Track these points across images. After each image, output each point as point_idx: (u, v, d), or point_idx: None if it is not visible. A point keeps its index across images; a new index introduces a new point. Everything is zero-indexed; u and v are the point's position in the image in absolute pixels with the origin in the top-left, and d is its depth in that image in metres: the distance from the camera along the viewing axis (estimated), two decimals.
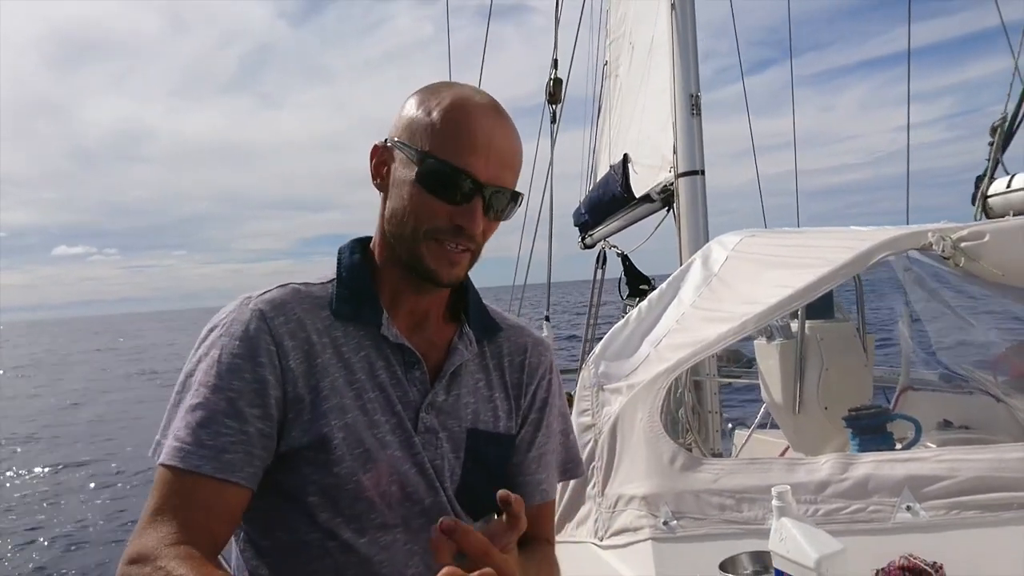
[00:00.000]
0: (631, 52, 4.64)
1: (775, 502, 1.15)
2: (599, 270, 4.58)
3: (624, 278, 4.27)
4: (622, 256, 4.34)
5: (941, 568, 1.25)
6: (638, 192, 3.99)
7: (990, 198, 3.18)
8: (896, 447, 2.10)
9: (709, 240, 2.55)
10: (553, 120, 4.87)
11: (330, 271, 1.03)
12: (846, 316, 2.77)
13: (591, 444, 1.90)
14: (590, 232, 4.96)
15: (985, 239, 1.78)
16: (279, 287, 0.99)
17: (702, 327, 1.95)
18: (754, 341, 2.76)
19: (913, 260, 2.17)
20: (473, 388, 1.06)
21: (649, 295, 2.31)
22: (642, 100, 4.25)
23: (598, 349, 2.19)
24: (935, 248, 1.80)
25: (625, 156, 4.16)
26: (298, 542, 0.95)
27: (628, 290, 4.22)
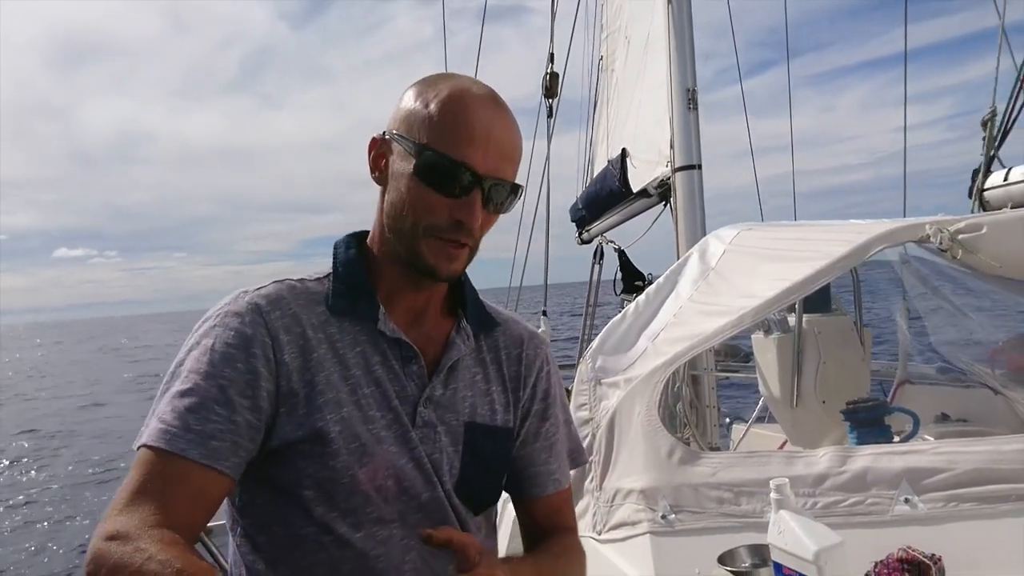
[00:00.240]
0: (627, 46, 4.63)
1: (773, 495, 1.15)
2: (596, 265, 4.57)
3: (619, 274, 4.27)
4: (619, 251, 4.33)
5: (939, 560, 1.25)
6: (635, 187, 3.98)
7: (986, 191, 3.18)
8: (894, 440, 2.10)
9: (706, 234, 2.55)
10: (550, 114, 4.87)
11: (327, 266, 1.03)
12: (843, 310, 2.77)
13: (589, 438, 1.90)
14: (587, 228, 4.96)
15: (983, 231, 1.78)
16: (275, 282, 0.99)
17: (699, 321, 1.95)
18: (752, 335, 2.76)
19: (911, 252, 2.17)
20: (470, 382, 1.06)
21: (646, 289, 2.31)
22: (638, 95, 4.24)
23: (595, 343, 2.18)
24: (933, 240, 1.80)
25: (623, 151, 4.16)
26: (294, 536, 0.94)
27: (623, 286, 4.22)
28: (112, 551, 0.77)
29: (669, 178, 3.59)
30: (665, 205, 3.80)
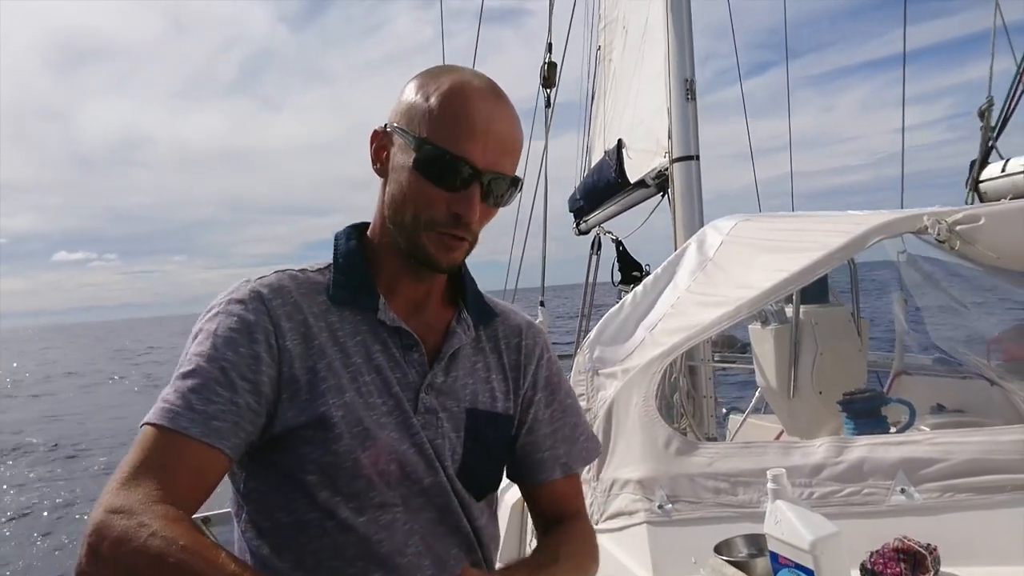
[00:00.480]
0: (624, 36, 4.61)
1: (770, 485, 1.15)
2: (594, 256, 4.57)
3: (617, 264, 4.26)
4: (616, 242, 4.33)
5: (935, 550, 1.26)
6: (633, 177, 3.97)
7: (984, 182, 3.17)
8: (890, 431, 2.10)
9: (704, 225, 2.54)
10: (548, 105, 4.85)
11: (328, 258, 1.04)
12: (840, 301, 2.78)
13: None
14: (585, 218, 4.95)
15: (980, 222, 1.78)
16: (277, 272, 1.01)
17: (697, 311, 1.95)
18: (749, 326, 2.76)
19: (908, 244, 2.17)
20: (471, 370, 1.07)
21: (644, 280, 2.31)
22: (636, 84, 4.22)
23: (593, 334, 2.18)
24: (930, 231, 1.79)
25: (619, 141, 4.15)
26: (298, 522, 0.95)
27: (621, 276, 4.21)
28: (115, 524, 0.77)
29: (667, 169, 3.58)
30: (663, 196, 3.79)
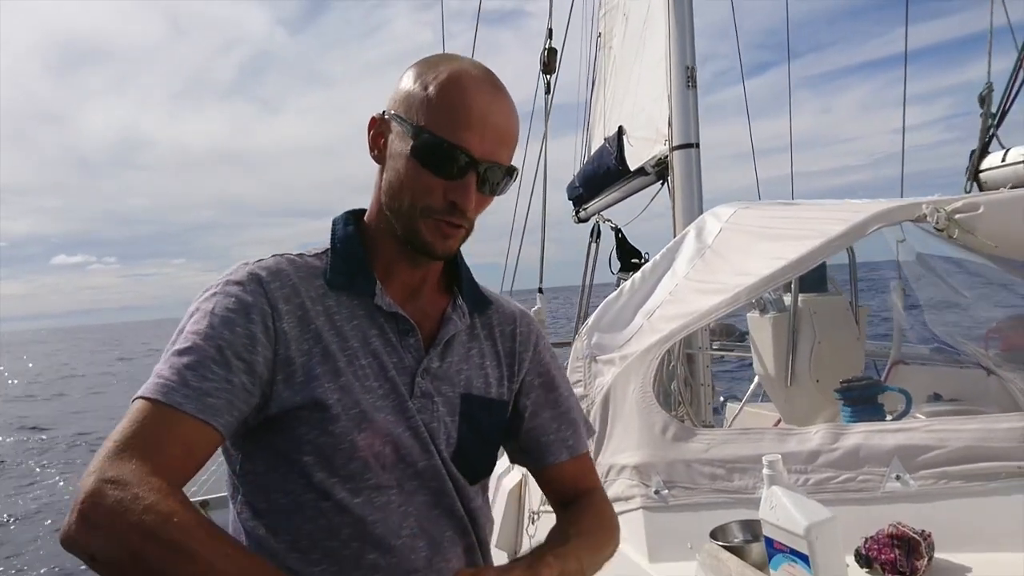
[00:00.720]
0: (625, 23, 4.58)
1: (766, 471, 1.16)
2: (593, 244, 4.56)
3: (616, 251, 4.26)
4: (616, 230, 4.33)
5: (929, 536, 1.27)
6: (633, 165, 3.96)
7: (984, 172, 3.16)
8: (887, 419, 2.11)
9: (703, 213, 2.54)
10: (547, 91, 4.83)
11: (326, 242, 1.05)
12: (839, 290, 2.78)
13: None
14: (584, 206, 4.94)
15: (979, 211, 1.77)
16: (275, 256, 1.01)
17: (695, 299, 1.95)
18: (747, 314, 2.77)
19: (907, 232, 2.17)
20: (466, 356, 1.08)
21: (643, 267, 2.31)
22: (637, 72, 4.20)
23: (591, 320, 2.19)
24: (929, 220, 1.79)
25: (620, 128, 4.13)
26: (293, 503, 0.95)
27: (620, 264, 4.21)
28: (108, 493, 0.76)
29: (667, 156, 3.57)
30: (662, 184, 3.78)
